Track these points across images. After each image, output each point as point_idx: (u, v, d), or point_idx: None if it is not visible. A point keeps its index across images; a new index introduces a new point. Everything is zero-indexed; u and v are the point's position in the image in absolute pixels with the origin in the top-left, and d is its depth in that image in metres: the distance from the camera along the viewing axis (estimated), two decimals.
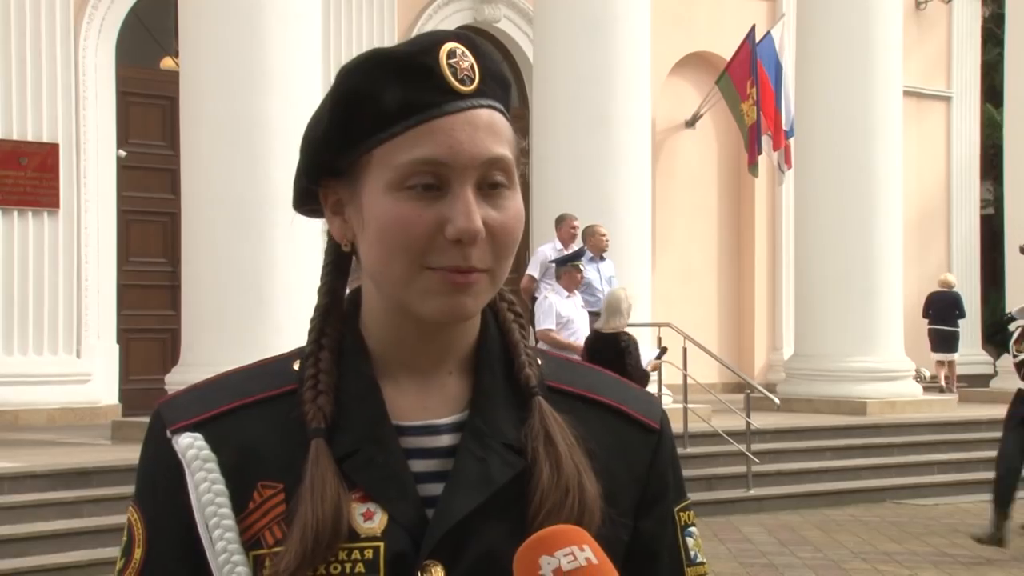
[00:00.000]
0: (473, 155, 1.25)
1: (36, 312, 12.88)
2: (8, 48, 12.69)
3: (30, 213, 12.85)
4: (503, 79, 1.31)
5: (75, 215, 13.09)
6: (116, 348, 13.62)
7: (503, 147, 1.27)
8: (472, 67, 1.27)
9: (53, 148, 12.94)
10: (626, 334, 9.64)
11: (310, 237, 10.93)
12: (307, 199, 1.35)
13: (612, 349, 9.32)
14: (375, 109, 1.26)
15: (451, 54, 1.26)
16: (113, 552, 7.67)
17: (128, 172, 13.78)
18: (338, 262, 1.36)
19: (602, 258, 11.54)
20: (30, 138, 12.85)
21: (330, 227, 1.33)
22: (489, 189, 1.26)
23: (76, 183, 13.10)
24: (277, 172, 10.57)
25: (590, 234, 11.45)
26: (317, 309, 1.35)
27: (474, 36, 1.31)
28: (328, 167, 1.30)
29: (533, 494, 1.25)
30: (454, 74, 1.26)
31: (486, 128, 1.26)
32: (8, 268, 12.73)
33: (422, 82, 1.25)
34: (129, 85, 13.84)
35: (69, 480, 9.16)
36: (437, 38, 1.28)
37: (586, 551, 1.17)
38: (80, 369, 13.15)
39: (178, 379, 10.88)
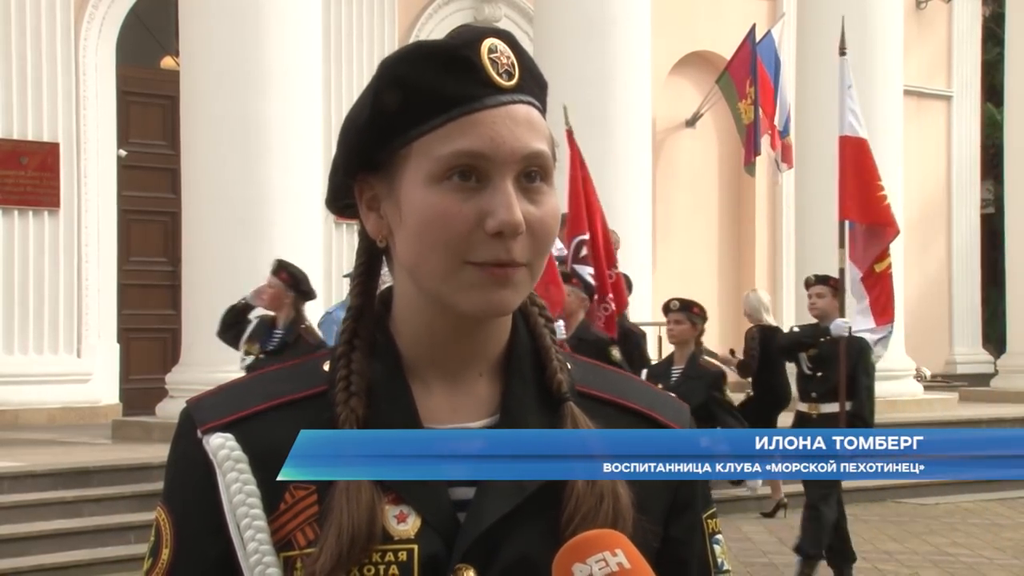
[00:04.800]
0: (514, 148, 1.24)
1: (36, 311, 12.88)
2: (8, 48, 12.69)
3: (30, 213, 12.85)
4: (540, 78, 1.32)
5: (75, 214, 13.09)
6: (116, 347, 13.62)
7: (542, 143, 1.27)
8: (512, 63, 1.27)
9: (53, 147, 12.94)
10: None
11: (309, 236, 10.95)
12: (341, 195, 1.34)
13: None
14: (417, 100, 1.25)
15: (492, 49, 1.26)
16: (113, 551, 7.70)
17: (128, 171, 13.78)
18: (371, 262, 1.36)
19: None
20: (30, 137, 12.84)
21: (365, 223, 1.32)
22: (527, 183, 1.26)
23: (76, 182, 13.10)
24: (277, 172, 10.59)
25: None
26: (350, 310, 1.34)
27: (512, 34, 1.31)
28: (365, 160, 1.29)
29: (567, 500, 1.25)
30: (495, 68, 1.26)
31: (526, 123, 1.26)
32: (8, 268, 12.72)
33: (464, 75, 1.25)
34: (129, 84, 13.84)
35: (69, 480, 9.16)
36: (478, 33, 1.28)
37: (619, 556, 1.16)
38: (80, 368, 13.15)
39: (178, 379, 10.89)
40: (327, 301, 11.57)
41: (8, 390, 12.52)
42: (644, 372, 8.60)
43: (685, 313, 8.10)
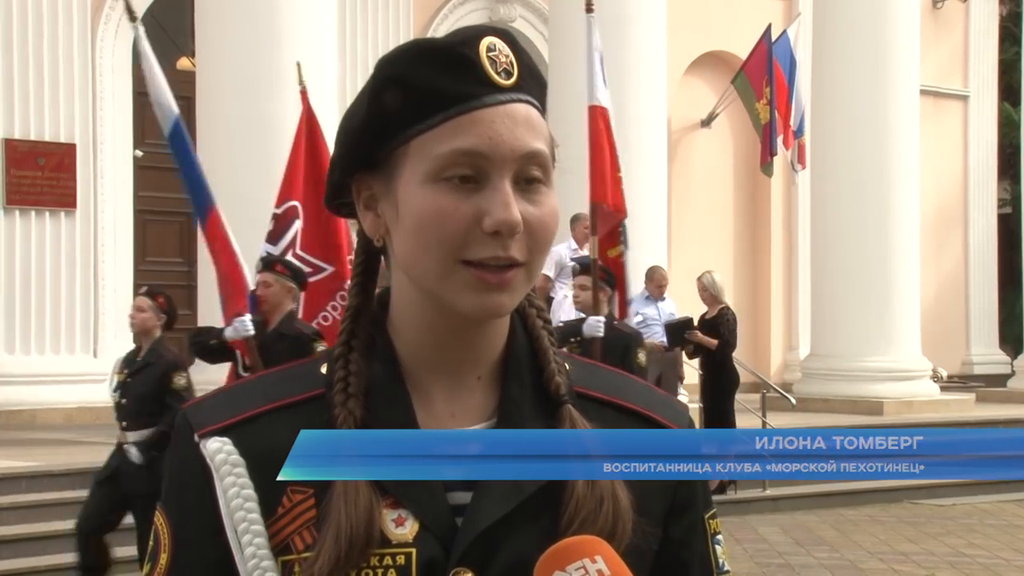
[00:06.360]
0: (513, 148, 1.23)
1: (53, 312, 12.92)
2: (25, 49, 12.74)
3: (47, 213, 12.90)
4: (540, 77, 1.30)
5: (92, 215, 13.13)
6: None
7: (541, 142, 1.26)
8: (511, 61, 1.26)
9: (70, 148, 12.98)
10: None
11: None
12: (339, 193, 1.33)
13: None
14: (415, 99, 1.24)
15: (491, 47, 1.25)
16: (130, 551, 7.70)
17: (145, 172, 13.82)
18: (369, 262, 1.35)
19: (662, 298, 11.61)
20: (47, 138, 12.89)
21: (362, 223, 1.31)
22: (525, 184, 1.25)
23: (93, 183, 13.14)
24: None
25: (648, 278, 11.54)
26: (348, 310, 1.33)
27: (512, 32, 1.30)
28: (363, 160, 1.28)
29: (567, 503, 1.24)
30: (493, 67, 1.25)
31: (524, 122, 1.25)
32: (26, 268, 12.77)
33: (463, 73, 1.24)
34: (146, 85, 13.86)
35: (87, 479, 9.14)
36: (477, 31, 1.27)
37: (598, 563, 1.15)
38: (97, 368, 13.17)
39: (194, 379, 10.87)
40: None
41: (25, 390, 12.57)
42: None
43: None
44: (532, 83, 1.29)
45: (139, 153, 13.76)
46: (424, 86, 1.24)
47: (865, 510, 11.35)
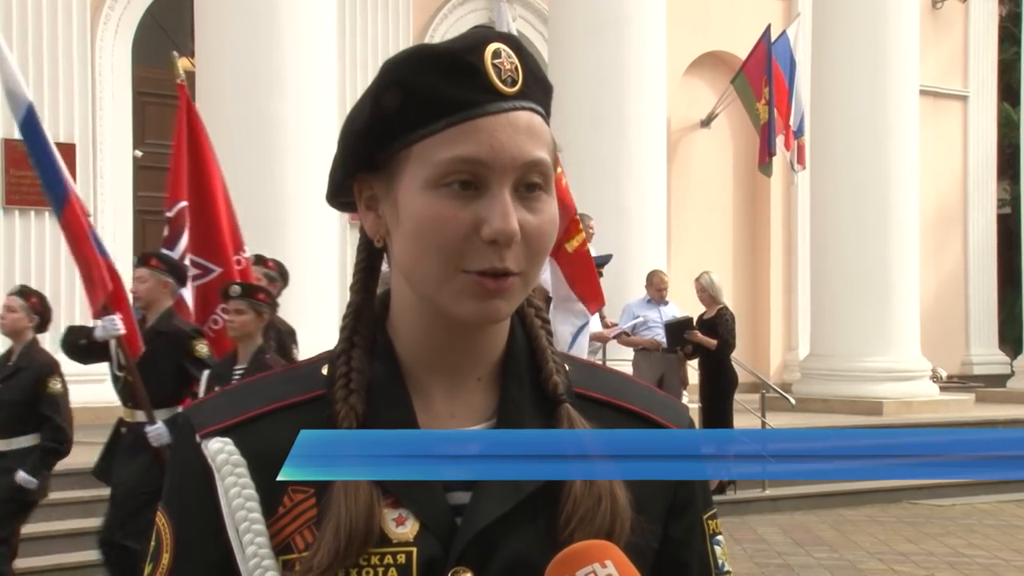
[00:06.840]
0: (513, 156, 1.24)
1: (52, 311, 12.89)
2: (25, 49, 12.73)
3: (47, 213, 12.87)
4: (545, 83, 1.31)
5: (91, 215, 13.10)
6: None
7: (542, 150, 1.26)
8: (516, 68, 1.27)
9: (70, 148, 12.96)
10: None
11: (324, 237, 10.96)
12: (341, 192, 1.34)
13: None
14: (418, 104, 1.25)
15: (496, 54, 1.26)
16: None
17: (144, 172, 13.81)
18: (371, 260, 1.36)
19: (665, 302, 11.66)
20: None
21: (363, 223, 1.32)
22: (526, 192, 1.25)
23: (92, 183, 13.13)
24: (292, 173, 10.60)
25: (648, 282, 11.61)
26: (350, 307, 1.34)
27: (518, 38, 1.30)
28: (365, 161, 1.29)
29: (565, 501, 1.24)
30: (498, 74, 1.25)
31: (527, 130, 1.26)
32: (25, 268, 12.77)
33: (466, 80, 1.24)
34: (145, 85, 13.87)
35: (86, 479, 9.17)
36: (483, 37, 1.27)
37: (608, 567, 1.16)
38: (96, 369, 13.13)
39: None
40: (344, 301, 11.58)
41: None
42: (206, 373, 6.70)
43: (247, 301, 6.40)
44: (537, 90, 1.29)
45: (139, 153, 13.76)
46: (427, 91, 1.24)
47: (864, 510, 11.35)
